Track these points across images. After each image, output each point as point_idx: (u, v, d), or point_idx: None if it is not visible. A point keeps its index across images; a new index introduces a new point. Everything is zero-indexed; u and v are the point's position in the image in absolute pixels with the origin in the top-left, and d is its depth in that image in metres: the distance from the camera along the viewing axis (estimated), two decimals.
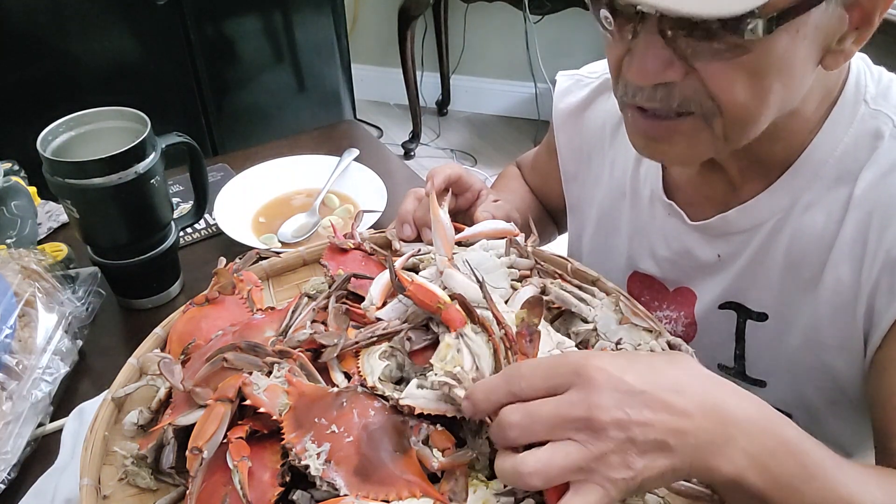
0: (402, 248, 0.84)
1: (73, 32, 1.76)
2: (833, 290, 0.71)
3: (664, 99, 0.62)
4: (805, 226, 0.72)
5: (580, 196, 0.98)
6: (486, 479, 0.58)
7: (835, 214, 0.71)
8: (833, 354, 0.73)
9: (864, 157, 0.69)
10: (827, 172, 0.71)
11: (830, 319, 0.72)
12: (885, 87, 0.71)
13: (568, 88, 0.97)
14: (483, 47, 3.24)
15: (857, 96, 0.71)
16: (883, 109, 0.70)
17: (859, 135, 0.70)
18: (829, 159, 0.71)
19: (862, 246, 0.69)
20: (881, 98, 0.70)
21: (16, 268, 0.86)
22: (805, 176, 0.72)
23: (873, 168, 0.69)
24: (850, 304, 0.70)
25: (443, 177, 0.86)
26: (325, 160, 1.21)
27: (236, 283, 0.78)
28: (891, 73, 0.74)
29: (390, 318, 0.68)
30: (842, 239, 0.70)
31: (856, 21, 0.60)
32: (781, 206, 0.74)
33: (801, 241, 0.73)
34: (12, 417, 0.74)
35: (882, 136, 0.69)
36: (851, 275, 0.70)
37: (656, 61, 0.60)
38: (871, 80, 0.71)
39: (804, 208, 0.72)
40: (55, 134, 0.89)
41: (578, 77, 0.97)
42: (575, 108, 0.96)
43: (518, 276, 0.74)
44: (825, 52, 0.62)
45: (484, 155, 3.14)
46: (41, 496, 0.70)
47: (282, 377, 0.61)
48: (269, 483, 0.56)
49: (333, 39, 2.24)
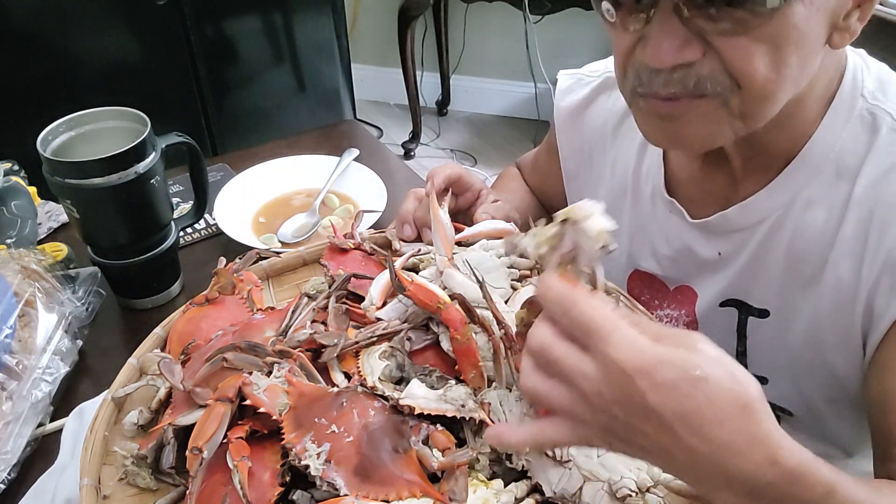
0: (402, 248, 0.84)
1: (73, 32, 1.76)
2: (834, 287, 0.71)
3: (681, 80, 0.61)
4: (805, 222, 0.72)
5: (581, 195, 0.98)
6: (486, 479, 0.58)
7: (835, 211, 0.70)
8: (834, 352, 0.73)
9: (862, 152, 0.69)
10: (827, 168, 0.71)
11: (831, 317, 0.72)
12: (883, 81, 0.71)
13: (569, 87, 0.97)
14: (483, 47, 3.24)
15: (854, 91, 0.71)
16: (881, 104, 0.70)
17: (857, 130, 0.70)
18: (828, 154, 0.71)
19: (862, 244, 0.69)
20: (879, 93, 0.70)
21: (16, 268, 0.86)
22: (805, 172, 0.72)
23: (873, 165, 0.69)
24: (850, 302, 0.70)
25: (443, 177, 0.86)
26: (325, 160, 1.21)
27: (236, 283, 0.78)
28: (888, 67, 0.74)
29: (390, 318, 0.68)
30: (842, 236, 0.70)
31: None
32: (782, 202, 0.73)
33: (801, 238, 0.73)
34: (12, 417, 0.74)
35: (879, 130, 0.69)
36: (851, 273, 0.70)
37: (674, 41, 0.59)
38: (867, 76, 0.71)
39: (805, 205, 0.72)
40: (55, 134, 0.89)
41: (580, 76, 0.97)
42: (576, 107, 0.96)
43: (518, 276, 0.74)
44: (833, 29, 0.62)
45: (484, 155, 3.14)
46: (41, 496, 0.70)
47: (282, 377, 0.61)
48: (269, 483, 0.56)
49: (333, 39, 2.23)
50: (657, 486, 0.58)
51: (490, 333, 0.63)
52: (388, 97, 3.44)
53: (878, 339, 0.69)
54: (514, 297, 0.70)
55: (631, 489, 0.56)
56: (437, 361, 0.65)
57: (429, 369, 0.64)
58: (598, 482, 0.57)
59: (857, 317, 0.70)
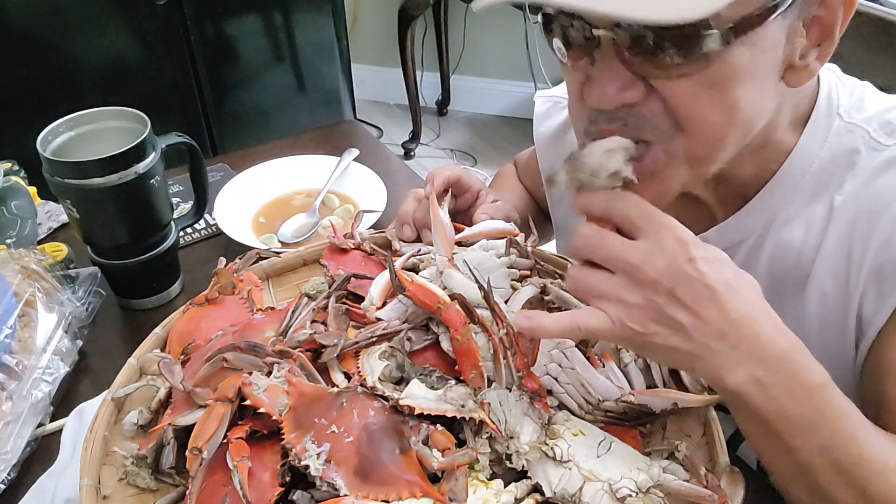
0: (402, 248, 0.85)
1: (73, 32, 1.76)
2: (819, 304, 0.71)
3: (623, 120, 0.60)
4: (784, 241, 0.72)
5: (566, 219, 0.98)
6: (486, 479, 0.58)
7: (814, 228, 0.70)
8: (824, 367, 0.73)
9: (842, 172, 0.69)
10: (804, 188, 0.70)
11: (818, 335, 0.71)
12: (857, 98, 0.71)
13: (547, 112, 0.97)
14: (483, 47, 3.24)
15: (829, 110, 0.70)
16: (857, 122, 0.69)
17: (836, 149, 0.69)
18: (805, 175, 0.70)
19: (846, 258, 0.68)
20: (854, 110, 0.70)
21: (16, 268, 0.86)
22: (781, 192, 0.71)
23: (852, 181, 0.68)
24: (838, 317, 0.70)
25: (442, 179, 0.86)
26: (325, 160, 1.21)
27: (236, 283, 0.79)
28: (863, 82, 0.73)
29: (390, 318, 0.68)
30: (824, 252, 0.69)
31: (816, 38, 0.59)
32: (760, 223, 0.73)
33: (781, 257, 0.72)
34: (12, 417, 0.74)
35: (858, 150, 0.68)
36: (837, 288, 0.69)
37: (616, 83, 0.58)
38: (843, 93, 0.71)
39: (783, 224, 0.72)
40: (55, 134, 0.89)
41: (556, 99, 0.97)
42: (555, 132, 0.95)
43: (518, 276, 0.74)
44: (787, 68, 0.61)
45: (484, 155, 3.14)
46: (41, 496, 0.70)
47: (282, 377, 0.61)
48: (269, 483, 0.56)
49: (333, 39, 2.24)
50: (657, 487, 0.58)
51: (490, 334, 0.63)
52: (388, 97, 3.44)
53: (867, 346, 0.68)
54: (514, 297, 0.70)
55: (631, 489, 0.56)
56: (437, 361, 0.65)
57: (429, 369, 0.64)
58: (598, 482, 0.57)
59: (848, 332, 0.69)
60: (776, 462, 0.58)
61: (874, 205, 0.67)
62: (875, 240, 0.66)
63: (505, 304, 0.69)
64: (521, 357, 0.62)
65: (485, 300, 0.64)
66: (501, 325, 0.63)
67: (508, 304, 0.69)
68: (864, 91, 0.72)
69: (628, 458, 0.59)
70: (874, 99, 0.71)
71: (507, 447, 0.58)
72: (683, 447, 0.60)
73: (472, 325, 0.64)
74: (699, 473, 0.58)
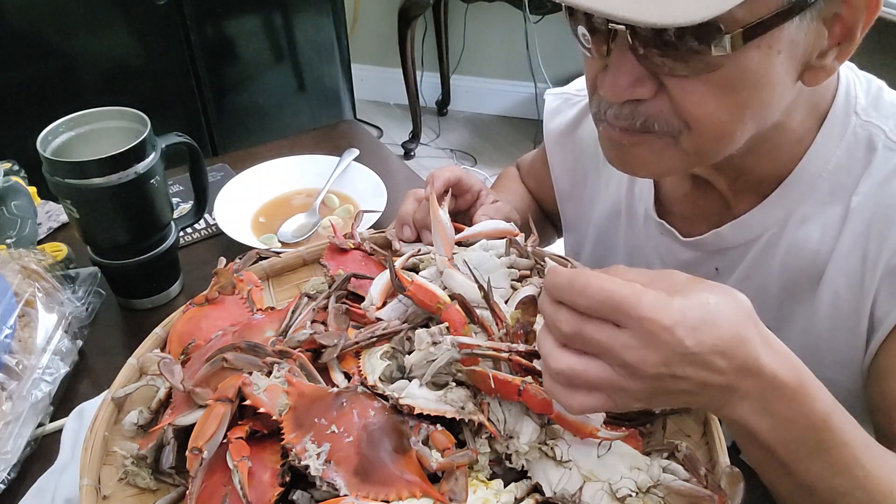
0: (402, 248, 0.84)
1: (73, 32, 1.76)
2: (831, 304, 0.71)
3: (629, 116, 0.61)
4: (800, 240, 0.72)
5: (576, 215, 0.98)
6: (486, 479, 0.58)
7: (830, 228, 0.70)
8: (833, 370, 0.73)
9: (858, 171, 0.69)
10: (821, 186, 0.70)
11: (830, 333, 0.71)
12: (874, 96, 0.71)
13: (557, 108, 0.97)
14: (483, 47, 3.24)
15: (847, 108, 0.70)
16: (874, 121, 0.69)
17: (852, 148, 0.69)
18: (822, 173, 0.70)
19: (860, 259, 0.68)
20: (872, 108, 0.70)
21: (16, 268, 0.86)
22: (798, 190, 0.71)
23: (869, 181, 0.68)
24: (850, 318, 0.70)
25: (442, 180, 0.86)
26: (325, 160, 1.21)
27: (236, 283, 0.78)
28: (879, 80, 0.73)
29: (390, 318, 0.68)
30: (838, 252, 0.69)
31: (837, 36, 0.59)
32: (775, 220, 0.73)
33: (796, 256, 0.72)
34: (12, 417, 0.74)
35: (875, 148, 0.68)
36: (851, 289, 0.69)
37: (627, 78, 0.59)
38: (860, 90, 0.70)
39: (799, 222, 0.72)
40: (55, 134, 0.89)
41: (567, 96, 0.97)
42: (566, 128, 0.96)
43: (518, 276, 0.74)
44: (804, 68, 0.61)
45: (484, 155, 3.14)
46: (41, 496, 0.70)
47: (282, 377, 0.61)
48: (269, 483, 0.56)
49: (333, 39, 2.23)
50: (657, 487, 0.58)
51: (490, 334, 0.63)
52: (388, 97, 3.44)
53: (877, 345, 0.68)
54: (514, 296, 0.70)
55: (631, 489, 0.56)
56: None
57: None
58: (598, 482, 0.57)
59: (860, 334, 0.69)
60: (777, 483, 0.58)
61: (890, 207, 0.67)
62: (890, 241, 0.66)
63: (505, 304, 0.69)
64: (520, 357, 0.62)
65: (485, 300, 0.64)
66: (501, 325, 0.63)
67: (508, 304, 0.69)
68: (880, 88, 0.72)
69: (628, 457, 0.59)
70: (890, 97, 0.71)
71: (507, 447, 0.58)
72: (683, 447, 0.60)
73: (472, 325, 0.64)
74: (699, 473, 0.58)
